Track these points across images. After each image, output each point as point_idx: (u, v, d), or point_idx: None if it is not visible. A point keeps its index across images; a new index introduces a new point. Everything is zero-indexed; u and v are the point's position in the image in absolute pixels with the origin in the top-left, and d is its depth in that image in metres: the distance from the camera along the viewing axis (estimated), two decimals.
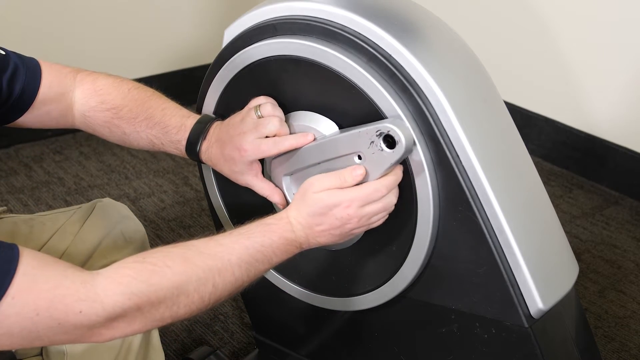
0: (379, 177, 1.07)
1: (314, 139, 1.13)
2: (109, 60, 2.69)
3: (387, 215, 1.10)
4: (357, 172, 1.06)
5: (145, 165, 2.49)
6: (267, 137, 1.13)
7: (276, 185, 1.19)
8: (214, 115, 1.23)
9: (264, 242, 1.02)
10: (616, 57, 2.36)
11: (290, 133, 1.16)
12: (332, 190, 1.06)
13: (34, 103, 1.19)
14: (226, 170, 1.18)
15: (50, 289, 0.86)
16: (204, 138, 1.19)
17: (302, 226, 1.06)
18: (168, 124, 1.21)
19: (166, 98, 1.25)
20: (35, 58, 1.22)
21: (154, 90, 1.26)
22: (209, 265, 0.96)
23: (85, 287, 0.88)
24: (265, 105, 1.15)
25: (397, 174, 1.08)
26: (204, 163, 1.22)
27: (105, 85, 1.23)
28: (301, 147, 1.13)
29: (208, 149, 1.19)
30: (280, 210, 1.15)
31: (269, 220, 1.05)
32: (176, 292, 0.93)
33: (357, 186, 1.06)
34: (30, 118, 1.21)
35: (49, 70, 1.22)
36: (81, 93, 1.23)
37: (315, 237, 1.07)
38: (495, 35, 2.62)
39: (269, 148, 1.13)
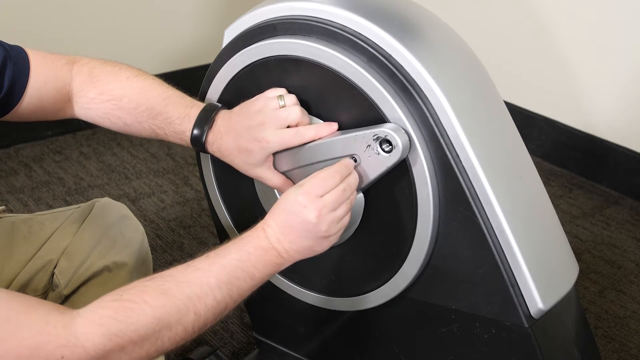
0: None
1: (337, 129, 1.12)
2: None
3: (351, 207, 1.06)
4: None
5: (145, 165, 2.48)
6: (288, 126, 1.11)
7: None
8: (218, 104, 1.19)
9: (241, 256, 0.98)
10: (616, 58, 2.36)
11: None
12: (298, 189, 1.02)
13: (24, 97, 1.15)
14: (238, 162, 1.13)
15: (32, 336, 0.84)
16: (210, 128, 1.14)
17: (274, 231, 1.01)
18: (171, 114, 1.16)
19: (167, 85, 1.21)
20: (24, 48, 1.18)
21: (154, 77, 1.21)
22: (187, 294, 0.93)
23: (67, 332, 0.86)
24: (289, 96, 1.12)
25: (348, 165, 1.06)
26: (210, 154, 1.17)
27: (103, 75, 1.19)
28: (324, 137, 1.11)
29: (216, 140, 1.14)
30: None
31: (245, 233, 1.01)
32: (158, 328, 0.90)
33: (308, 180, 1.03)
34: (24, 113, 1.17)
35: (42, 63, 1.18)
36: (79, 85, 1.19)
37: (290, 244, 1.01)
38: (495, 35, 2.62)
39: (292, 138, 1.10)
